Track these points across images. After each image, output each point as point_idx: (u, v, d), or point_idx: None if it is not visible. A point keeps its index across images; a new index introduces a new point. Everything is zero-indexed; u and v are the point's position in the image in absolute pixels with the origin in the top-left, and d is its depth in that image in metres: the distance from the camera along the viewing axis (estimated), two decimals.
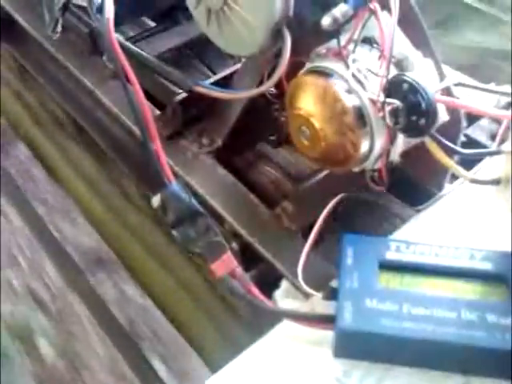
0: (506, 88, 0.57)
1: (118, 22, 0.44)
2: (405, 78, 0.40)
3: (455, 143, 0.49)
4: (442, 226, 0.46)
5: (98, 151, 0.77)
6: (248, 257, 0.51)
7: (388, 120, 0.41)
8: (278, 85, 0.49)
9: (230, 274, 0.39)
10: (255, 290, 0.38)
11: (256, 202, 0.53)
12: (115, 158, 0.73)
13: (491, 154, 0.48)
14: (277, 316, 0.37)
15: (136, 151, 0.69)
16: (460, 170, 0.46)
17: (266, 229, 0.51)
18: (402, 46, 0.44)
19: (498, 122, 0.57)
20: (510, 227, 0.43)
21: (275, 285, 0.48)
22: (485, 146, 0.57)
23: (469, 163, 0.48)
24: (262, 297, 0.38)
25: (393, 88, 0.41)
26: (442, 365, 0.36)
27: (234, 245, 0.51)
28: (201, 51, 0.72)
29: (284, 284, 0.46)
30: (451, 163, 0.45)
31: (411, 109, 0.40)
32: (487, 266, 0.39)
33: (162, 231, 0.69)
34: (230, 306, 0.61)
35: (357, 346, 0.36)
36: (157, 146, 0.41)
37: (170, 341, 0.60)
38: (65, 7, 0.47)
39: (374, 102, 0.42)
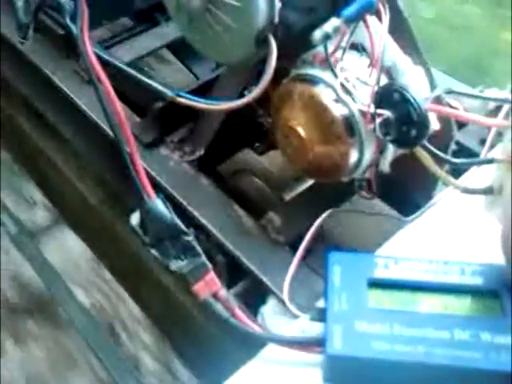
0: (495, 92, 0.56)
1: (94, 24, 0.42)
2: (395, 87, 0.39)
3: (446, 151, 0.48)
4: (431, 238, 0.44)
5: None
6: (235, 270, 0.49)
7: (378, 131, 0.40)
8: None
9: (213, 295, 0.37)
10: (240, 314, 0.36)
11: (241, 212, 0.51)
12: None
13: (483, 162, 0.47)
14: (263, 340, 0.36)
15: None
16: (450, 179, 0.44)
17: (252, 241, 0.49)
18: (392, 53, 0.43)
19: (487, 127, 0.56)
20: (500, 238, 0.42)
21: (263, 298, 0.46)
22: (474, 152, 0.56)
23: (459, 170, 0.47)
24: (247, 320, 0.36)
25: (383, 98, 0.39)
26: None
27: (220, 258, 0.49)
28: (181, 53, 0.70)
29: (271, 300, 0.45)
30: (441, 173, 0.44)
31: (402, 119, 0.39)
32: (478, 281, 0.38)
33: None
34: None
35: (348, 370, 0.34)
36: (132, 152, 0.38)
37: None
38: (37, 11, 0.45)
39: (364, 113, 0.40)
